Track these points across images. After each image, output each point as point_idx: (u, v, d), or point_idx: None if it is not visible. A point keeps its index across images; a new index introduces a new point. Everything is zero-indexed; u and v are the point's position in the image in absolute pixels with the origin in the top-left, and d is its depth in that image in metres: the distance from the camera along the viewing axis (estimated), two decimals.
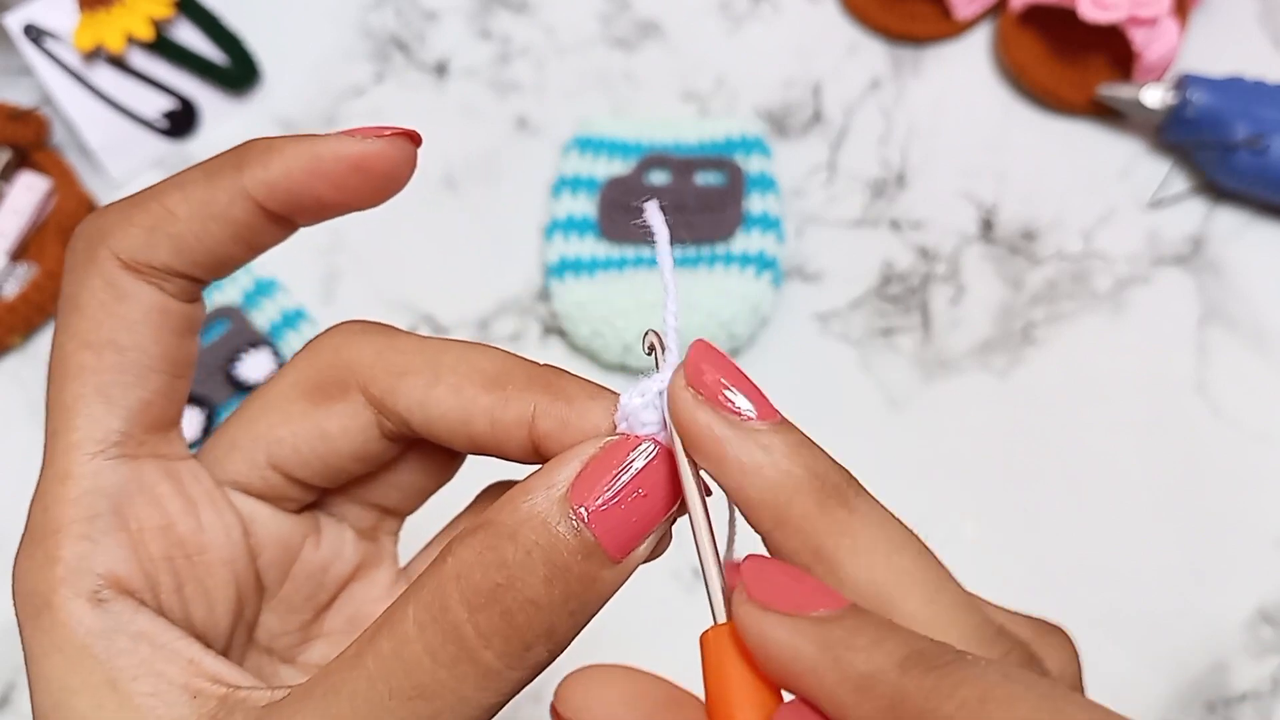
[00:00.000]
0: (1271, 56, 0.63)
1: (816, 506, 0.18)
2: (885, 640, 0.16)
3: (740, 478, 0.18)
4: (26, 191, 0.58)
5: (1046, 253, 0.58)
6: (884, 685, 0.16)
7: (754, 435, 0.18)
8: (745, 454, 0.18)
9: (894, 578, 0.18)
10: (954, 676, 0.15)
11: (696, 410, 0.18)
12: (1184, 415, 0.54)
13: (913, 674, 0.16)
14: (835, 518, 0.18)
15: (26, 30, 0.59)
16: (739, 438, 0.18)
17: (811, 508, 0.18)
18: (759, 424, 0.18)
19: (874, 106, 0.62)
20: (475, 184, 0.61)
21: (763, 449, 0.18)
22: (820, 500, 0.18)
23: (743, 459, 0.18)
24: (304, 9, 0.66)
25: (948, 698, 0.15)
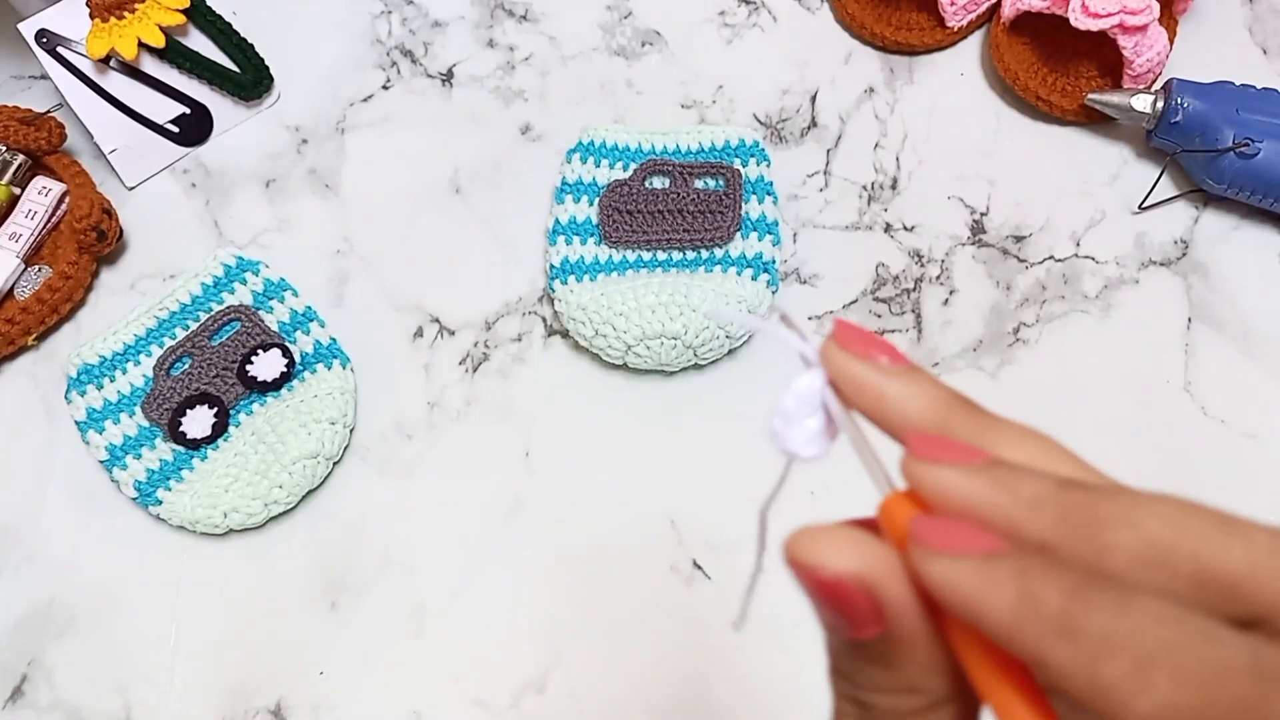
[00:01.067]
0: (1259, 62, 0.64)
1: (967, 413, 0.21)
2: (1040, 473, 0.19)
3: (902, 406, 0.21)
4: (41, 195, 0.59)
5: (1037, 255, 0.59)
6: (1051, 500, 0.18)
7: (901, 374, 0.21)
8: (902, 388, 0.21)
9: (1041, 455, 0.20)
10: (1108, 489, 0.18)
11: (854, 364, 0.21)
12: (1172, 414, 0.55)
13: (1073, 490, 0.18)
14: (984, 419, 0.20)
15: (39, 36, 0.60)
16: (891, 377, 0.21)
17: (965, 415, 0.20)
18: (900, 367, 0.21)
19: (869, 114, 0.63)
20: (480, 189, 0.62)
21: (914, 382, 0.21)
22: (968, 408, 0.21)
23: (901, 391, 0.21)
24: (313, 18, 0.67)
25: (1107, 501, 0.18)
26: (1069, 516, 0.18)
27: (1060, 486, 0.18)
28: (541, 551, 0.53)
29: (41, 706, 0.50)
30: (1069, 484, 0.18)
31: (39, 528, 0.54)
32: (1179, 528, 0.17)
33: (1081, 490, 0.18)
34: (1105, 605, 0.16)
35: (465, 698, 0.50)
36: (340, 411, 0.54)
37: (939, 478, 0.19)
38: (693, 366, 0.56)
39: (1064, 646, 0.16)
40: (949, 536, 0.18)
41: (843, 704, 0.20)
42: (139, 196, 0.62)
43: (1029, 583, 0.17)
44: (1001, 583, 0.17)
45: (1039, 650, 0.16)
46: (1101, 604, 0.16)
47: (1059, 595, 0.16)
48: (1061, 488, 0.18)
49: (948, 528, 0.18)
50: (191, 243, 0.61)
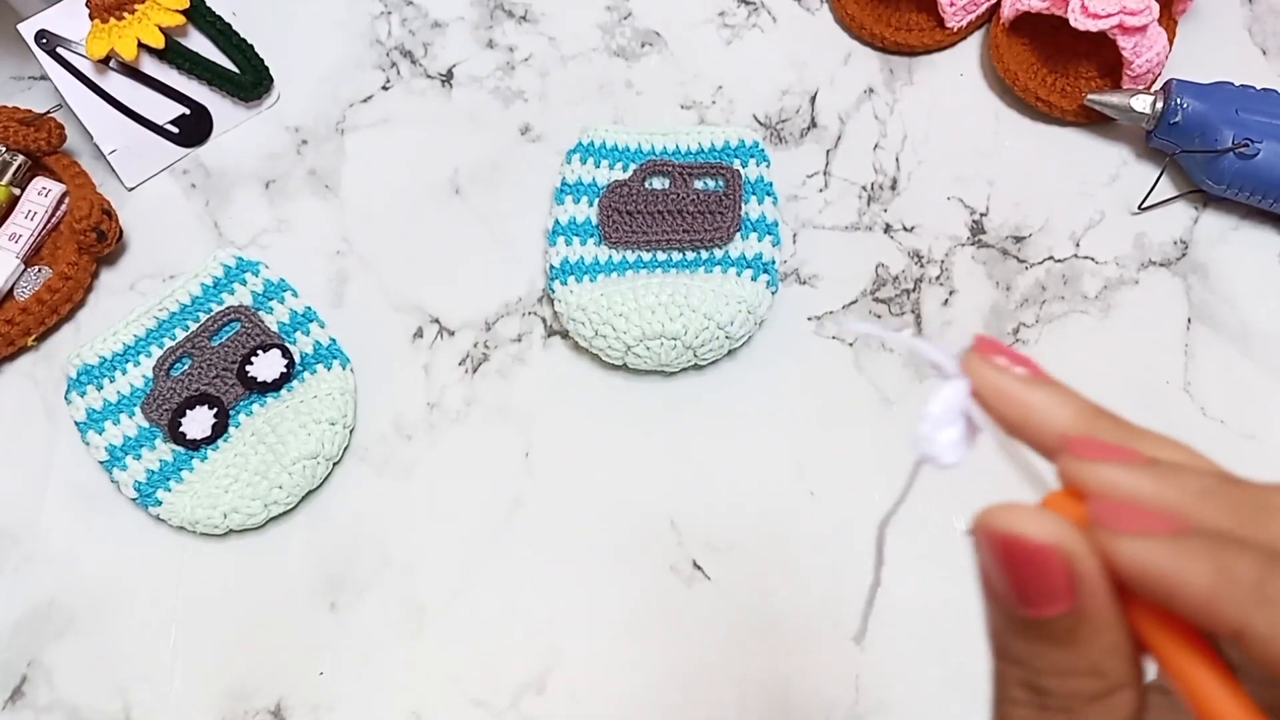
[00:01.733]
0: (1259, 63, 0.64)
1: (1112, 420, 0.21)
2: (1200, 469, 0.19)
3: (1048, 415, 0.21)
4: (40, 196, 0.59)
5: (1036, 256, 0.59)
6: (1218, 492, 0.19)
7: (1044, 385, 0.22)
8: (1046, 398, 0.21)
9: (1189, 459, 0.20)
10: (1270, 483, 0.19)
11: (1000, 376, 0.22)
12: (1172, 415, 0.55)
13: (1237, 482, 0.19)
14: (1129, 426, 0.21)
15: (39, 37, 0.60)
16: (1034, 388, 0.22)
17: (1111, 422, 0.21)
18: (1041, 379, 0.22)
19: (868, 114, 0.63)
20: (480, 189, 0.62)
21: (1057, 393, 0.21)
22: (1112, 416, 0.21)
23: (1046, 401, 0.21)
24: (313, 19, 0.67)
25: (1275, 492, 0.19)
26: (1238, 507, 0.18)
27: (1223, 479, 0.19)
28: (541, 551, 0.53)
29: (41, 706, 0.50)
30: (1231, 477, 0.19)
31: (39, 528, 0.54)
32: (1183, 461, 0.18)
33: (1245, 483, 0.19)
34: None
35: (465, 698, 0.50)
36: (340, 412, 0.54)
37: (1104, 474, 0.19)
38: (693, 367, 0.56)
39: (1266, 613, 0.17)
40: (1136, 519, 0.18)
41: (1012, 690, 0.20)
42: (139, 197, 0.62)
43: (1223, 556, 0.17)
44: (1196, 558, 0.17)
45: (1240, 619, 0.17)
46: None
47: (1254, 566, 0.17)
48: (1225, 480, 0.19)
49: (1133, 511, 0.18)
50: (191, 243, 0.61)
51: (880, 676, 0.49)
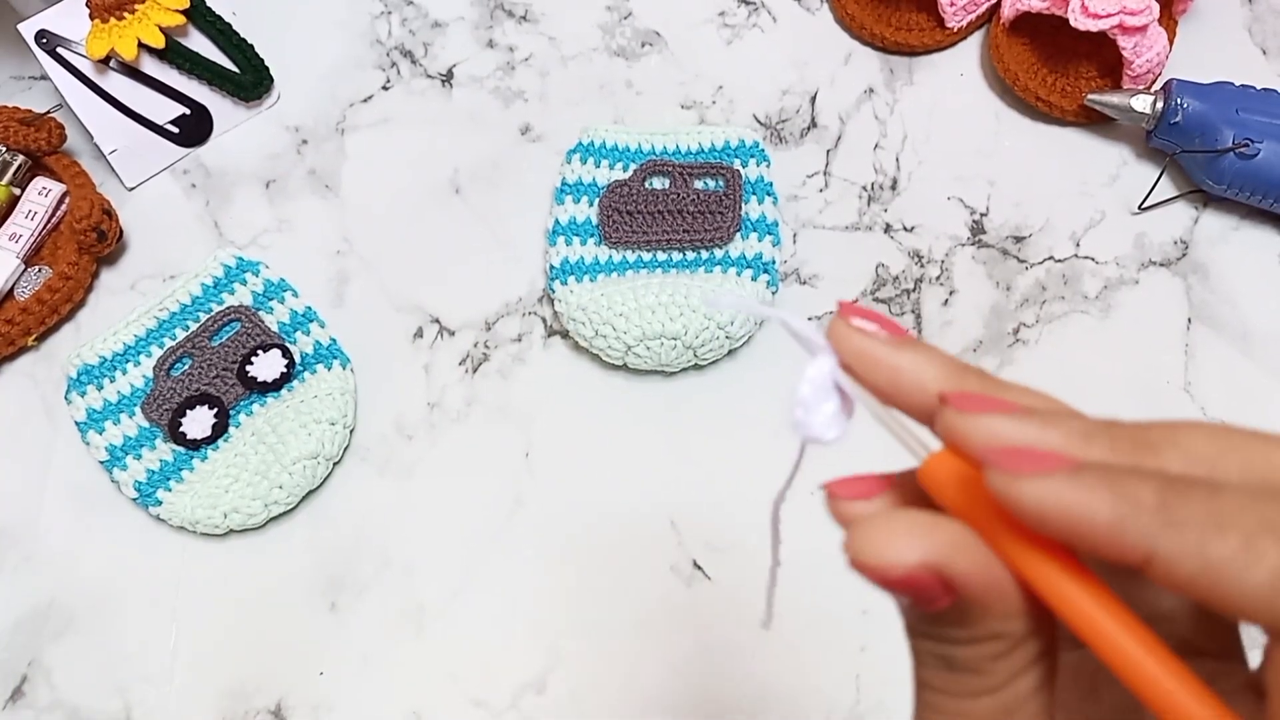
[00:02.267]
0: (1259, 63, 0.64)
1: (980, 376, 0.21)
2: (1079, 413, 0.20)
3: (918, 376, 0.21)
4: (41, 196, 0.59)
5: (1037, 256, 0.59)
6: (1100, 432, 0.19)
7: (911, 346, 0.21)
8: (914, 359, 0.21)
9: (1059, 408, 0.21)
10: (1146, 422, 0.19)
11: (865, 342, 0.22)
12: (1171, 415, 0.55)
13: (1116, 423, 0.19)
14: (997, 381, 0.21)
15: (39, 37, 0.60)
16: (902, 350, 0.21)
17: (979, 378, 0.21)
18: (908, 339, 0.22)
19: (868, 114, 0.63)
20: (480, 189, 0.62)
21: (924, 353, 0.21)
22: (980, 372, 0.21)
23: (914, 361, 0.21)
24: (313, 19, 0.67)
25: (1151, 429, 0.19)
26: (1120, 445, 0.19)
27: (1104, 422, 0.19)
28: (541, 552, 0.53)
29: (41, 706, 0.50)
30: (1110, 420, 0.19)
31: (38, 528, 0.54)
32: (1221, 443, 0.18)
33: (1123, 423, 0.19)
34: (1199, 495, 0.17)
35: (465, 698, 0.50)
36: (340, 412, 0.54)
37: (987, 425, 0.19)
38: (693, 367, 0.56)
39: (1172, 535, 0.17)
40: (1031, 460, 0.18)
41: (926, 660, 0.21)
42: (139, 197, 0.62)
43: (1123, 485, 0.17)
44: (1097, 489, 0.17)
45: (1147, 543, 0.17)
46: (1195, 494, 0.17)
47: (1155, 491, 0.17)
48: (1105, 423, 0.19)
49: (1027, 453, 0.18)
50: (191, 243, 0.61)
51: (880, 676, 0.49)
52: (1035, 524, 0.18)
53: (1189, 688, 0.18)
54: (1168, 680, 0.18)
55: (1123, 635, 0.18)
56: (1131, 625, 0.18)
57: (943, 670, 0.20)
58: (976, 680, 0.20)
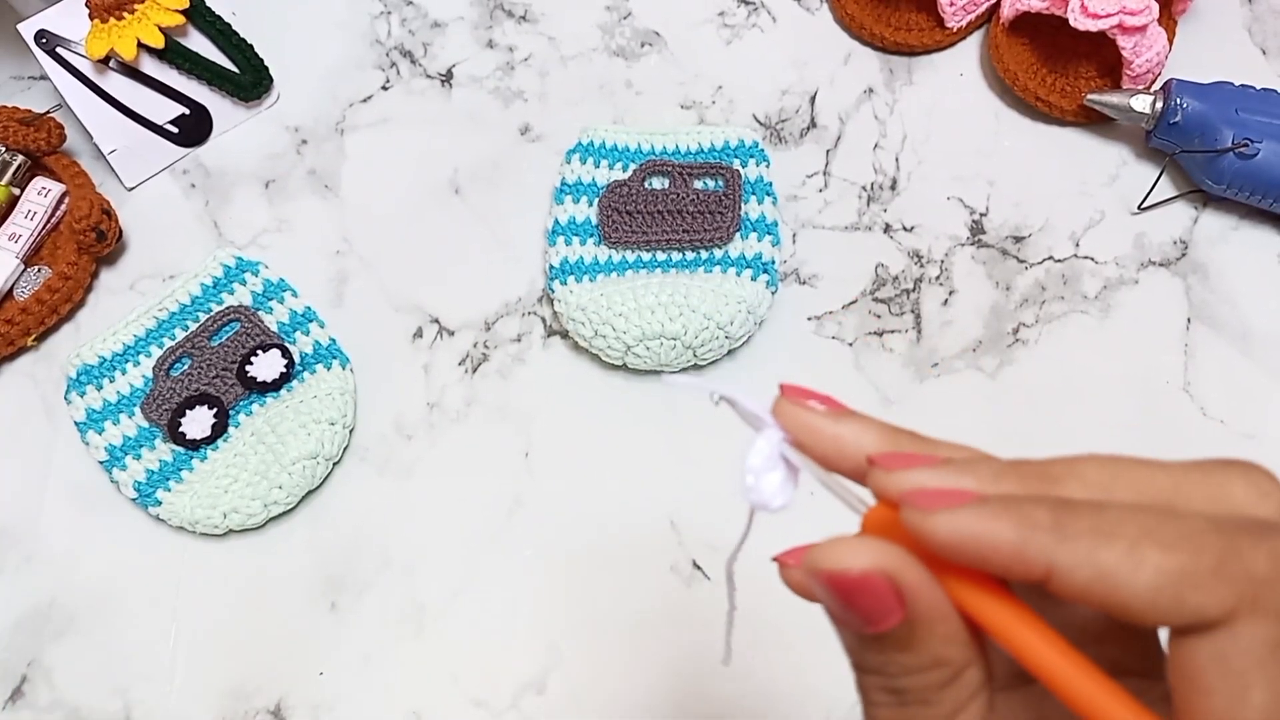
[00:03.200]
0: (1259, 63, 0.64)
1: (912, 438, 0.23)
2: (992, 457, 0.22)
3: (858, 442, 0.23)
4: (40, 196, 0.59)
5: (1036, 256, 0.59)
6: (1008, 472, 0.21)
7: (848, 417, 0.24)
8: (853, 428, 0.23)
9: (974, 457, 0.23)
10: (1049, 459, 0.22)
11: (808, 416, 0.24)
12: (1171, 415, 0.55)
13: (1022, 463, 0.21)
14: (929, 441, 0.23)
15: (39, 37, 0.60)
16: (841, 421, 0.24)
17: (911, 439, 0.23)
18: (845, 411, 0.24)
19: (868, 114, 0.63)
20: (480, 189, 0.62)
21: (861, 422, 0.24)
22: (913, 434, 0.23)
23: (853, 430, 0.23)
24: (313, 19, 0.67)
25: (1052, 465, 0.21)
26: (1026, 480, 0.21)
27: (1011, 463, 0.21)
28: (541, 552, 0.53)
29: (41, 706, 0.50)
30: (1017, 460, 0.21)
31: (38, 528, 0.54)
32: (1113, 470, 0.21)
33: (1029, 462, 0.21)
34: (1087, 511, 0.19)
35: (465, 698, 0.50)
36: (340, 412, 0.54)
37: (908, 478, 0.21)
38: (692, 367, 0.56)
39: (1066, 548, 0.19)
40: (941, 497, 0.20)
41: (875, 695, 0.22)
42: (138, 197, 0.62)
43: (1021, 510, 0.19)
44: (999, 516, 0.19)
45: (1045, 558, 0.19)
46: (1083, 511, 0.19)
47: (1048, 512, 0.19)
48: (1012, 464, 0.21)
49: (936, 492, 0.21)
50: (191, 243, 0.61)
51: None
52: (949, 553, 0.20)
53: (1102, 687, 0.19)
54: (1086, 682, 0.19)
55: (1049, 650, 0.20)
56: (1057, 642, 0.20)
57: (893, 705, 0.22)
58: (925, 711, 0.21)
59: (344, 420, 0.54)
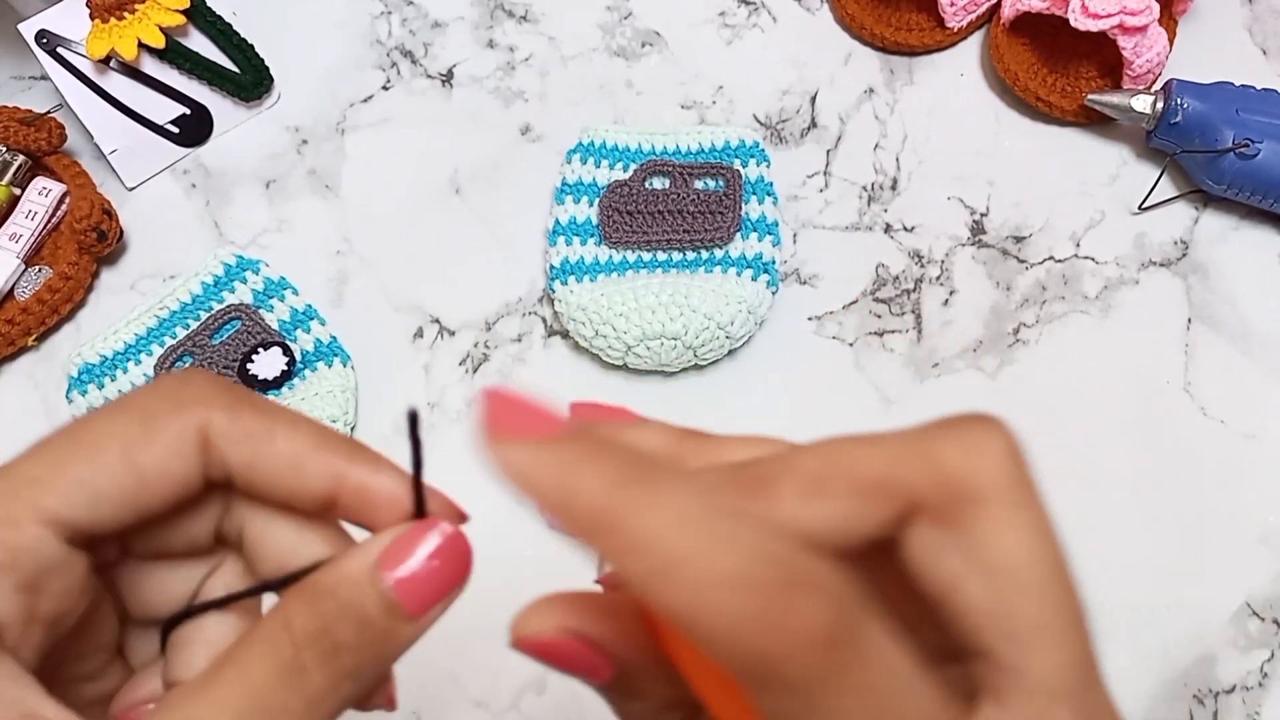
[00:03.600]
0: (1259, 63, 0.64)
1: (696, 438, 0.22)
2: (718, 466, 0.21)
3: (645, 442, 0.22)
4: (41, 196, 0.59)
5: (1037, 256, 0.59)
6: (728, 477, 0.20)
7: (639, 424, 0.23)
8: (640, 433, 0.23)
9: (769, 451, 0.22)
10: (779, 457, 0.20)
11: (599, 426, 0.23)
12: (1172, 414, 0.55)
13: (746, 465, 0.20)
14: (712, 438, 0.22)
15: (39, 37, 0.60)
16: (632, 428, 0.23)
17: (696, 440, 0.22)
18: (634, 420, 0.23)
19: (868, 114, 0.63)
20: (480, 189, 0.62)
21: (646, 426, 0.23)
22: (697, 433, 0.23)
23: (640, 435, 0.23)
24: (313, 19, 0.67)
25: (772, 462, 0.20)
26: (744, 486, 0.19)
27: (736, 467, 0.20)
28: (542, 551, 0.52)
29: None
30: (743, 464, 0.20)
31: None
32: (829, 458, 0.20)
33: (754, 463, 0.20)
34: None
35: (465, 698, 0.50)
36: (341, 409, 0.54)
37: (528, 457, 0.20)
38: (693, 367, 0.56)
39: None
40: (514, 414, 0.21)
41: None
42: (139, 197, 0.62)
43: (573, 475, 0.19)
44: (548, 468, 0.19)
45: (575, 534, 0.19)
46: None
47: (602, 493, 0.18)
48: (737, 467, 0.20)
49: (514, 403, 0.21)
50: (191, 243, 0.61)
51: None
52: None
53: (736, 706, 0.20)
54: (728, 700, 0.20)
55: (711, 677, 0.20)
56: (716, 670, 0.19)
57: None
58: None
59: (345, 418, 0.54)
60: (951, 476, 0.19)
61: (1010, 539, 0.19)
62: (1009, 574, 0.19)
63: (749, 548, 0.17)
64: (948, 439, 0.20)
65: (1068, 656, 0.19)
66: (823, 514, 0.19)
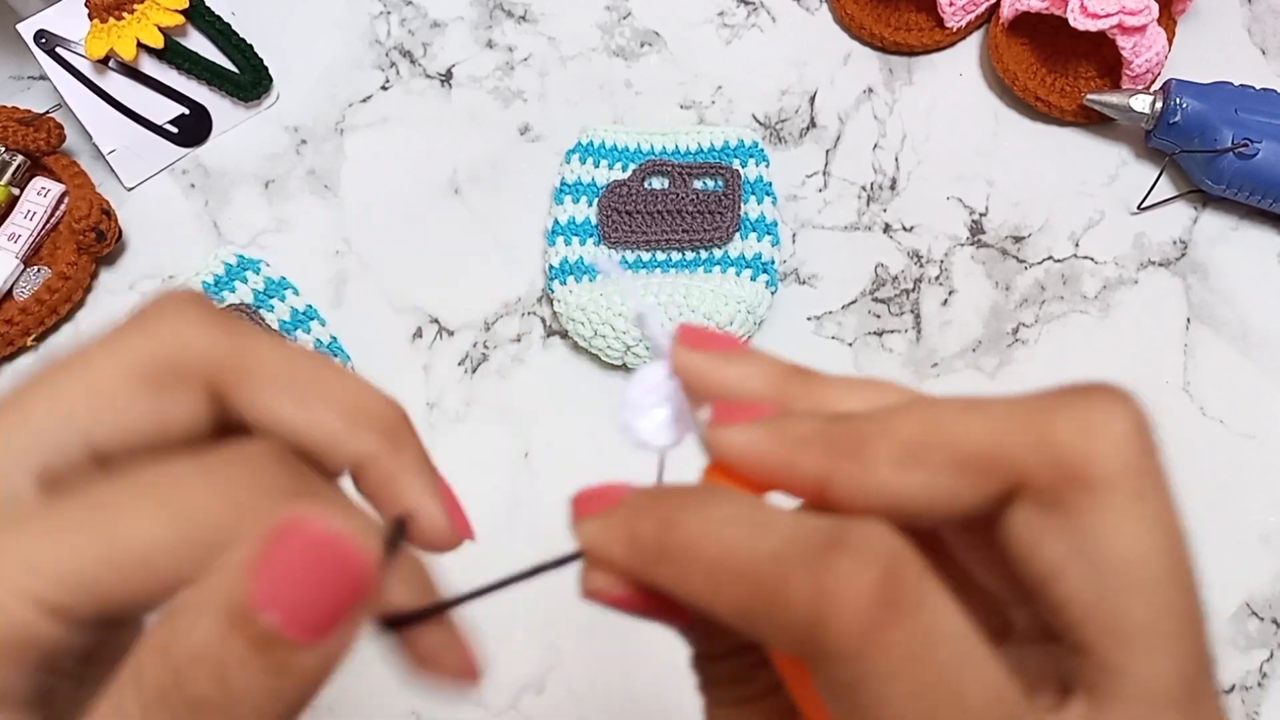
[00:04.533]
0: (1258, 63, 0.64)
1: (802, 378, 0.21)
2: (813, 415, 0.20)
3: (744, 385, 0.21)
4: (40, 196, 0.59)
5: (1036, 256, 0.59)
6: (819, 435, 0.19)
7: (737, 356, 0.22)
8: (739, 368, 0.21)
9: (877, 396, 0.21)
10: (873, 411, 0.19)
11: (693, 356, 0.22)
12: (1171, 414, 0.55)
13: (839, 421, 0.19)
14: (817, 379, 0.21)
15: (38, 37, 0.59)
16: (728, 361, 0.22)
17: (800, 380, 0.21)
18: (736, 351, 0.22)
19: (868, 114, 0.63)
20: (480, 190, 0.62)
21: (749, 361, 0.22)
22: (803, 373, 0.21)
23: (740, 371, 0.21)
24: (312, 19, 0.67)
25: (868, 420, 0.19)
26: (835, 445, 0.19)
27: (829, 420, 0.19)
28: (541, 552, 0.52)
29: None
30: (836, 417, 0.19)
31: None
32: (929, 424, 0.18)
33: (846, 419, 0.19)
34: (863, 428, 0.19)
35: (464, 698, 0.50)
36: None
37: (727, 437, 0.20)
38: None
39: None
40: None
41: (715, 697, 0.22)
42: (138, 197, 0.62)
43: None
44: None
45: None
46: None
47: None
48: (830, 421, 0.19)
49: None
50: (190, 244, 0.61)
51: None
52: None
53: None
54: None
55: None
56: None
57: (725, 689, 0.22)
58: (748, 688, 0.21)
59: None
60: (1066, 457, 0.18)
61: (1127, 533, 0.17)
62: (1121, 570, 0.17)
63: (788, 526, 0.17)
64: (1065, 413, 0.18)
65: (1177, 664, 0.17)
66: (917, 485, 0.18)
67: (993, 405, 0.19)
